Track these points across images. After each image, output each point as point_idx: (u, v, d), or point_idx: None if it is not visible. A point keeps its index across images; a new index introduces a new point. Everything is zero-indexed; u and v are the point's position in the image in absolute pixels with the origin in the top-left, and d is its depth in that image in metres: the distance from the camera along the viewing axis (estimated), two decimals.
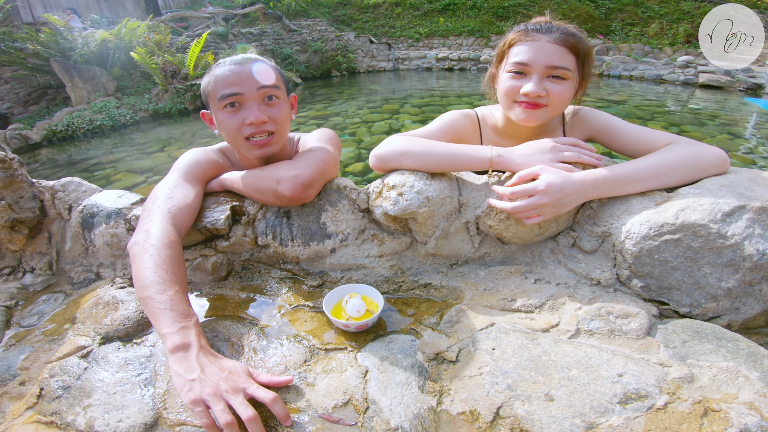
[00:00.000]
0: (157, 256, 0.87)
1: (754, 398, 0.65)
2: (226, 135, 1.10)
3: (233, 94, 1.04)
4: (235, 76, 1.04)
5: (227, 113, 1.06)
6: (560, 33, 1.06)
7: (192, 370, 0.72)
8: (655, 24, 11.32)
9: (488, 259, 1.09)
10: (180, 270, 0.89)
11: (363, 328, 0.89)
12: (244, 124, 1.05)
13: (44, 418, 0.76)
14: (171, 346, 0.76)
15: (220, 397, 0.69)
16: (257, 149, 1.09)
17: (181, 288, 0.86)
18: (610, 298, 0.89)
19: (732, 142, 4.50)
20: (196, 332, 0.79)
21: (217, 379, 0.71)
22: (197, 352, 0.76)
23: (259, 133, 1.07)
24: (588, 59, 1.10)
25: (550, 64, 1.05)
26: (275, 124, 1.09)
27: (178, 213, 0.98)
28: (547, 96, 1.07)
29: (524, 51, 1.08)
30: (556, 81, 1.06)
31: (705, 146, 0.99)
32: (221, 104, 1.05)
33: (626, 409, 0.66)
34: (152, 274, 0.84)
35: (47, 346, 0.94)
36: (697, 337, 0.78)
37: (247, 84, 1.04)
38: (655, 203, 0.92)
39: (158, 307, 0.80)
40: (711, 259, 0.82)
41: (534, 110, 1.09)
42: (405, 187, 1.00)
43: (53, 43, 7.36)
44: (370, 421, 0.70)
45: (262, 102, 1.07)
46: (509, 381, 0.73)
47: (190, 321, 0.80)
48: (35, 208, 1.23)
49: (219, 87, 1.05)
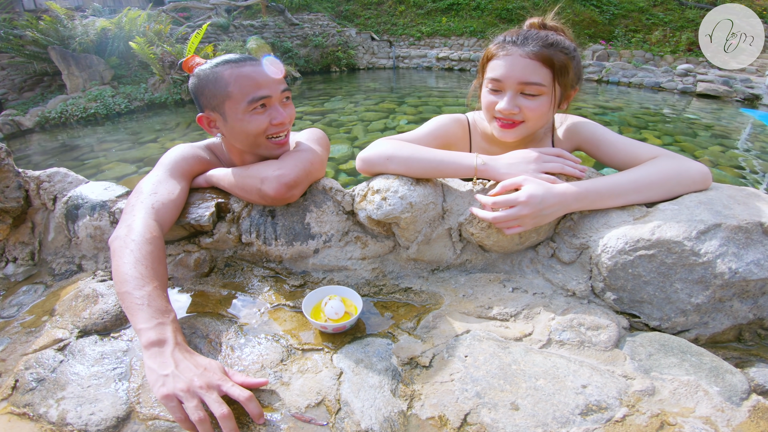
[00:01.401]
0: (138, 251, 0.86)
1: (711, 412, 0.67)
2: (245, 137, 1.09)
3: (265, 96, 1.05)
4: (263, 77, 1.05)
5: (255, 115, 1.06)
6: (535, 45, 1.03)
7: (166, 366, 0.72)
8: (658, 31, 11.35)
9: (469, 266, 1.10)
10: (160, 266, 0.89)
11: (340, 330, 0.90)
12: (271, 124, 1.07)
13: (17, 410, 0.77)
14: (146, 341, 0.76)
15: (193, 394, 0.69)
16: (279, 148, 1.12)
17: (160, 284, 0.86)
18: (583, 309, 0.90)
19: (723, 154, 4.54)
20: (173, 329, 0.79)
21: (191, 375, 0.71)
22: (172, 348, 0.75)
23: (282, 132, 1.11)
24: (565, 70, 1.06)
25: (522, 80, 1.03)
26: (290, 121, 1.14)
27: (161, 209, 0.98)
28: (521, 112, 1.06)
29: (499, 66, 1.06)
30: (529, 97, 1.05)
31: (688, 162, 1.00)
32: (251, 106, 1.04)
33: (586, 420, 0.67)
34: (131, 270, 0.84)
35: (24, 338, 0.94)
36: (663, 351, 0.80)
37: (273, 85, 1.06)
38: (633, 218, 0.93)
39: (135, 302, 0.80)
40: (683, 275, 0.84)
41: (510, 129, 1.10)
42: (389, 192, 1.00)
43: (53, 31, 7.30)
44: (342, 422, 0.71)
45: (281, 102, 1.10)
46: (478, 388, 0.75)
47: (167, 317, 0.80)
48: (20, 197, 1.22)
49: (248, 89, 1.03)
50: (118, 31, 7.79)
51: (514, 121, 1.09)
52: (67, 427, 0.72)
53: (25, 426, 0.74)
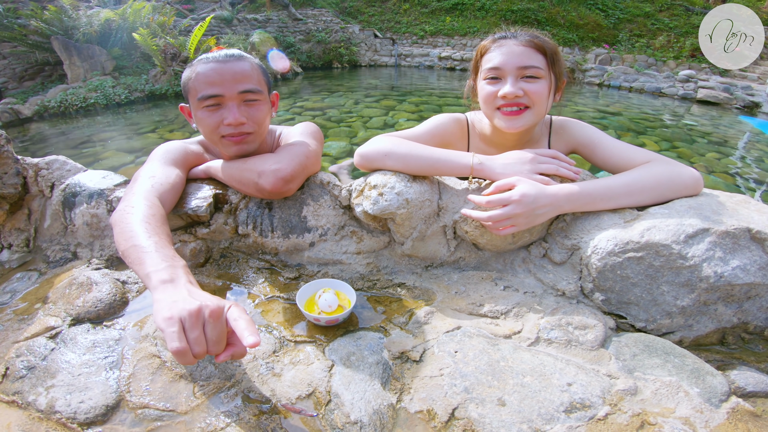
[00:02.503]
0: (141, 213, 0.86)
1: (690, 413, 0.68)
2: (203, 131, 1.11)
3: (213, 95, 1.04)
4: (216, 76, 1.03)
5: (206, 112, 1.06)
6: (526, 36, 1.12)
7: (178, 294, 0.68)
8: (662, 36, 11.35)
9: (462, 264, 1.12)
10: (164, 226, 0.86)
11: (333, 323, 0.91)
12: (223, 123, 1.06)
13: (6, 398, 0.76)
14: (157, 280, 0.70)
15: (200, 319, 0.64)
16: (233, 146, 1.10)
17: (168, 238, 0.83)
18: (572, 309, 0.91)
19: (719, 161, 4.56)
20: (185, 272, 0.75)
21: (203, 298, 0.67)
22: (185, 283, 0.71)
23: (236, 133, 1.08)
24: (556, 58, 1.13)
25: (521, 65, 1.09)
26: (253, 125, 1.09)
27: (161, 189, 0.99)
28: (525, 96, 1.09)
29: (495, 56, 1.12)
30: (531, 80, 1.09)
31: (680, 167, 1.02)
32: (201, 103, 1.05)
33: (570, 418, 0.69)
34: (137, 227, 0.82)
35: (17, 326, 0.94)
36: (647, 351, 0.81)
37: (228, 85, 1.04)
38: (624, 220, 0.94)
39: (144, 250, 0.76)
40: (670, 278, 0.85)
41: (516, 115, 1.11)
42: (386, 188, 1.01)
43: (57, 21, 7.25)
44: (331, 414, 0.72)
45: (242, 103, 1.07)
46: (467, 384, 0.76)
47: (178, 262, 0.76)
48: (18, 184, 1.23)
49: (200, 86, 1.04)
50: (122, 22, 7.76)
51: (519, 107, 1.11)
52: (56, 415, 0.72)
53: (12, 414, 0.73)
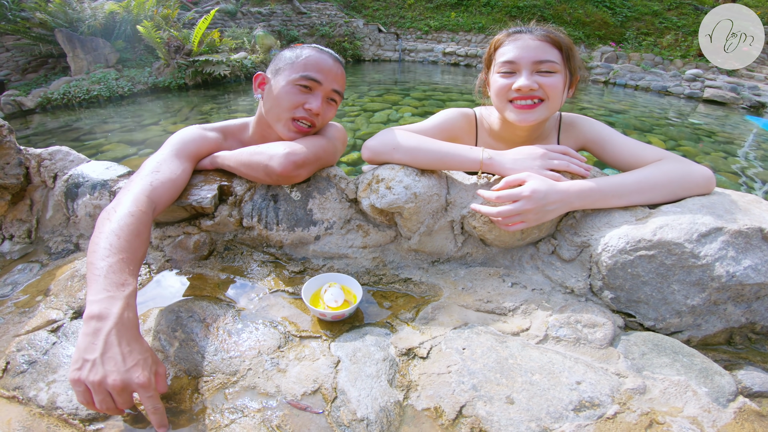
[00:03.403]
0: (116, 223, 0.84)
1: (698, 413, 0.68)
2: (276, 105, 1.13)
3: (315, 79, 1.11)
4: (326, 66, 1.13)
5: (297, 89, 1.11)
6: (541, 30, 1.11)
7: (92, 350, 0.67)
8: (670, 35, 11.24)
9: (469, 259, 1.10)
10: (136, 240, 0.84)
11: (339, 318, 0.90)
12: (304, 107, 1.11)
13: (6, 393, 0.75)
14: (87, 314, 0.70)
15: (102, 390, 0.66)
16: (294, 132, 1.14)
17: (128, 257, 0.80)
18: (580, 307, 0.90)
19: (725, 160, 4.53)
20: (123, 304, 0.73)
21: (112, 369, 0.66)
22: (111, 327, 0.69)
23: (308, 120, 1.14)
24: (572, 53, 1.12)
25: (537, 59, 1.08)
26: (321, 121, 1.17)
27: (159, 187, 0.97)
28: (540, 89, 1.08)
29: (510, 50, 1.11)
30: (546, 75, 1.09)
31: (693, 165, 1.00)
32: (299, 80, 1.11)
33: (579, 416, 0.68)
34: (103, 240, 0.80)
35: (18, 319, 0.93)
36: (656, 350, 0.80)
37: (329, 78, 1.14)
38: (635, 218, 0.93)
39: (94, 273, 0.76)
40: (681, 276, 0.84)
41: (530, 109, 1.10)
42: (394, 182, 1.00)
43: (61, 13, 7.23)
44: (337, 411, 0.71)
45: (326, 99, 1.16)
46: (475, 381, 0.75)
47: (121, 291, 0.74)
48: (20, 174, 1.22)
49: (309, 65, 1.11)
50: (126, 14, 7.74)
51: (534, 100, 1.10)
52: (57, 410, 0.71)
53: (13, 409, 0.72)
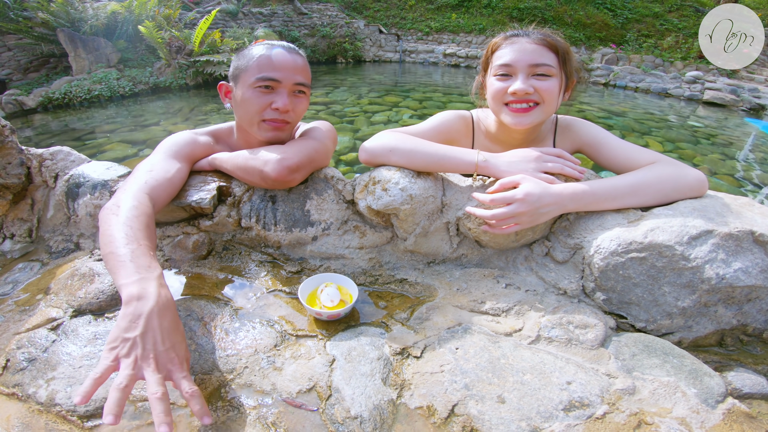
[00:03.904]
0: (124, 216, 0.84)
1: (687, 414, 0.69)
2: (244, 112, 1.13)
3: (273, 78, 1.09)
4: (280, 62, 1.10)
5: (258, 92, 1.10)
6: (538, 34, 1.12)
7: (134, 329, 0.67)
8: (670, 37, 11.23)
9: (465, 261, 1.12)
10: (147, 230, 0.85)
11: (335, 318, 0.91)
12: (270, 107, 1.11)
13: (6, 390, 0.76)
14: (127, 296, 0.70)
15: (136, 366, 0.65)
16: (270, 132, 1.13)
17: (148, 244, 0.82)
18: (573, 308, 0.91)
19: (723, 162, 4.54)
20: (158, 284, 0.74)
21: (150, 348, 0.66)
22: (151, 307, 0.69)
23: (280, 120, 1.13)
24: (568, 57, 1.13)
25: (533, 62, 1.09)
26: (295, 116, 1.16)
27: (155, 185, 0.98)
28: (536, 93, 1.09)
29: (507, 53, 1.12)
30: (542, 78, 1.10)
31: (686, 168, 1.01)
32: (256, 83, 1.09)
33: (568, 416, 0.69)
34: (117, 232, 0.81)
35: (18, 317, 0.93)
36: (646, 351, 0.81)
37: (288, 73, 1.10)
38: (628, 221, 0.94)
39: (119, 260, 0.76)
40: (672, 278, 0.85)
41: (525, 112, 1.11)
42: (390, 183, 1.01)
43: (64, 13, 7.25)
44: (332, 408, 0.72)
45: (292, 93, 1.13)
46: (467, 380, 0.76)
47: (152, 273, 0.75)
48: (21, 174, 1.23)
49: (262, 66, 1.09)
50: (128, 14, 7.77)
51: (529, 104, 1.11)
52: (56, 407, 0.72)
53: (12, 406, 0.73)
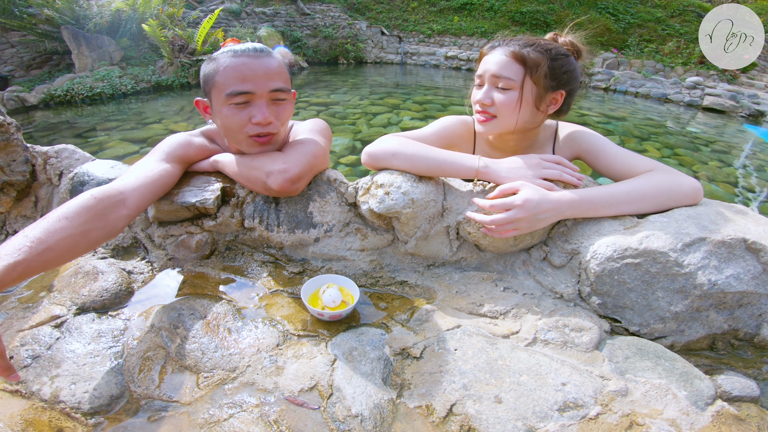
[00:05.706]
0: (58, 210, 0.80)
1: (677, 415, 0.71)
2: (225, 131, 1.07)
3: (245, 92, 0.99)
4: (248, 71, 0.99)
5: (234, 109, 1.02)
6: (516, 45, 1.12)
7: None
8: (672, 42, 11.28)
9: (464, 264, 1.14)
10: (59, 221, 0.78)
11: (336, 318, 0.93)
12: (251, 122, 1.02)
13: (9, 387, 0.76)
14: None
15: None
16: (258, 147, 1.08)
17: (31, 239, 0.74)
18: (569, 311, 0.94)
19: (721, 169, 4.57)
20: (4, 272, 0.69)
21: None
22: None
23: (265, 134, 1.06)
24: (536, 68, 1.10)
25: (494, 74, 1.13)
26: (279, 125, 1.08)
27: (137, 186, 0.96)
28: (493, 105, 1.14)
29: (482, 63, 1.18)
30: (501, 91, 1.13)
31: (681, 177, 1.03)
32: (227, 100, 1.00)
33: (563, 416, 0.71)
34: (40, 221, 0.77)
35: (21, 314, 0.94)
36: (639, 354, 0.83)
37: (260, 82, 1.00)
38: (624, 227, 0.96)
39: None
40: (665, 284, 0.87)
41: (484, 123, 1.19)
42: (392, 187, 1.03)
43: (68, 10, 7.27)
44: (333, 407, 0.74)
45: (271, 101, 1.04)
46: (465, 381, 0.78)
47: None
48: (26, 171, 1.25)
49: (230, 80, 0.99)
50: (132, 12, 7.79)
51: (486, 115, 1.17)
52: (60, 404, 0.73)
53: (16, 403, 0.73)
